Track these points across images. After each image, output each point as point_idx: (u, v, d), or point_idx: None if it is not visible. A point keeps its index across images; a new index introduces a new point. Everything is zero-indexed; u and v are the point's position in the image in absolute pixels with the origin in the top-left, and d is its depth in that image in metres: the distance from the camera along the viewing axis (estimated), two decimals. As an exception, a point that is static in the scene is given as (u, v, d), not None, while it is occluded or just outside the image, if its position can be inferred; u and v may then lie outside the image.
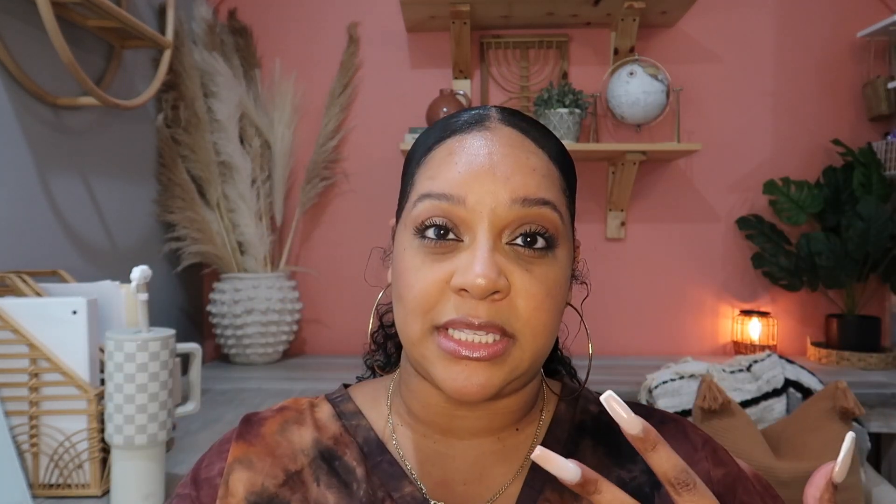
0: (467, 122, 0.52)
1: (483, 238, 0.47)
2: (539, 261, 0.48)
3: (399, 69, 2.04)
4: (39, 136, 1.29)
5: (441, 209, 0.48)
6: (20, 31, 1.23)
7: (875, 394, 1.53)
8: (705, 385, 1.33)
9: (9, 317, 0.93)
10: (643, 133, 1.99)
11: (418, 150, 0.54)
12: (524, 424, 0.55)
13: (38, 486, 0.94)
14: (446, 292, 0.47)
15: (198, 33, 1.85)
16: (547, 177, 0.50)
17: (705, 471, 0.53)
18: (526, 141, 0.51)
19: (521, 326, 0.46)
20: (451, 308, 0.46)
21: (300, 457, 0.53)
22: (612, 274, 2.03)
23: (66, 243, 1.37)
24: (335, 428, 0.56)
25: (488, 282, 0.44)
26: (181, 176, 1.76)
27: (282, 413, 0.57)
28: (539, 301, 0.47)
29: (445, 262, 0.47)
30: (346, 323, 2.06)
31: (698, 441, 0.55)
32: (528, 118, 0.54)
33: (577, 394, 0.59)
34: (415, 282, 0.47)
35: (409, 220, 0.50)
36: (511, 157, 0.49)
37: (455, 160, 0.49)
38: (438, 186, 0.48)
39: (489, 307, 0.45)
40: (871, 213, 1.73)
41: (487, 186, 0.47)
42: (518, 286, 0.46)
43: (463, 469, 0.52)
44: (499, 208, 0.47)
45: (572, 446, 0.54)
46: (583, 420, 0.56)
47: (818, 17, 1.98)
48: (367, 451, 0.54)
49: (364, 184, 2.04)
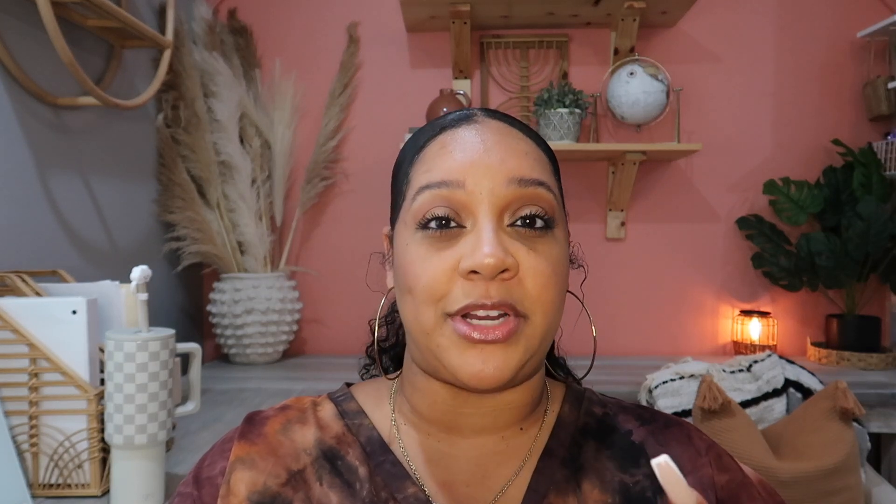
0: (455, 119, 0.53)
1: (486, 219, 0.47)
2: (541, 239, 0.49)
3: (399, 69, 2.04)
4: (39, 136, 1.29)
5: (441, 196, 0.48)
6: (20, 31, 1.23)
7: (875, 394, 1.53)
8: (705, 385, 1.33)
9: (9, 317, 0.92)
10: (643, 133, 1.99)
11: (409, 151, 0.55)
12: (528, 424, 0.54)
13: (38, 486, 0.93)
14: (455, 279, 0.47)
15: (198, 33, 1.85)
16: (538, 160, 0.51)
17: (709, 476, 0.52)
18: (513, 130, 0.53)
19: (531, 304, 0.47)
20: (462, 294, 0.46)
21: (303, 456, 0.53)
22: (612, 274, 2.03)
23: (66, 243, 1.37)
24: (338, 427, 0.55)
25: (497, 260, 0.45)
26: (181, 176, 1.76)
27: (284, 412, 0.57)
28: (547, 278, 0.47)
29: (450, 249, 0.48)
30: (346, 323, 2.06)
31: (702, 446, 0.54)
32: (508, 115, 0.56)
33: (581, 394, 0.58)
34: (422, 272, 0.48)
35: (409, 217, 0.50)
36: (503, 143, 0.50)
37: (449, 150, 0.50)
38: (436, 176, 0.49)
39: (499, 287, 0.46)
40: (871, 213, 1.72)
41: (483, 169, 0.48)
42: (525, 265, 0.47)
43: (466, 470, 0.52)
44: (497, 188, 0.48)
45: (575, 449, 0.54)
46: (587, 423, 0.56)
47: (818, 18, 1.98)
48: (370, 451, 0.53)
49: (364, 184, 2.04)
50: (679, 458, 0.53)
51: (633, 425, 0.56)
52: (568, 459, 0.53)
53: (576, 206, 2.01)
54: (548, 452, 0.53)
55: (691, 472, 0.52)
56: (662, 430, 0.55)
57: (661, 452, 0.52)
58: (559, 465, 0.52)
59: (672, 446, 0.54)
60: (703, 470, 0.53)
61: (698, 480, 0.52)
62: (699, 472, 0.52)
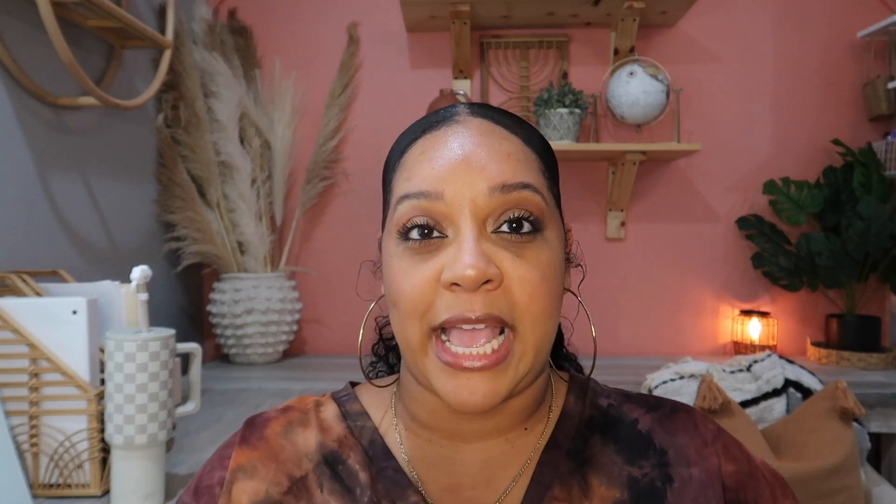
0: (436, 120, 0.51)
1: (466, 229, 0.46)
2: (528, 245, 0.47)
3: (399, 69, 2.04)
4: (39, 136, 1.29)
5: (420, 207, 0.47)
6: (20, 31, 1.23)
7: (875, 394, 1.53)
8: (705, 385, 1.33)
9: (9, 317, 0.93)
10: (643, 133, 1.99)
11: (393, 156, 0.53)
12: (532, 423, 0.54)
13: (38, 485, 0.94)
14: (438, 291, 0.46)
15: (198, 33, 1.85)
16: (523, 161, 0.49)
17: (715, 467, 0.51)
18: (496, 128, 0.50)
19: (520, 314, 0.45)
20: (444, 308, 0.45)
21: (304, 462, 0.52)
22: (612, 274, 2.03)
23: (66, 243, 1.37)
24: (340, 429, 0.55)
25: (478, 271, 0.43)
26: (181, 176, 1.76)
27: (286, 414, 0.56)
28: (534, 286, 0.46)
29: (432, 260, 0.46)
30: (345, 323, 2.06)
31: (708, 435, 0.53)
32: (498, 109, 0.53)
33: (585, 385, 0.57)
34: (406, 285, 0.47)
35: (391, 226, 0.49)
36: (483, 146, 0.48)
37: (428, 157, 0.49)
38: (415, 186, 0.48)
39: (484, 298, 0.44)
40: (871, 213, 1.72)
41: (463, 178, 0.47)
42: (510, 273, 0.45)
43: (471, 474, 0.51)
44: (478, 198, 0.46)
45: (580, 441, 0.53)
46: (592, 415, 0.55)
47: (818, 17, 1.98)
48: (372, 455, 0.53)
49: (364, 184, 2.04)
50: (685, 447, 0.52)
51: (638, 413, 0.55)
52: (573, 451, 0.52)
53: (576, 206, 2.01)
54: (552, 444, 0.52)
55: (697, 462, 0.51)
56: (669, 416, 0.54)
57: (668, 440, 0.52)
58: (564, 456, 0.52)
59: (679, 434, 0.53)
60: (709, 460, 0.52)
61: (704, 470, 0.51)
62: (706, 462, 0.51)
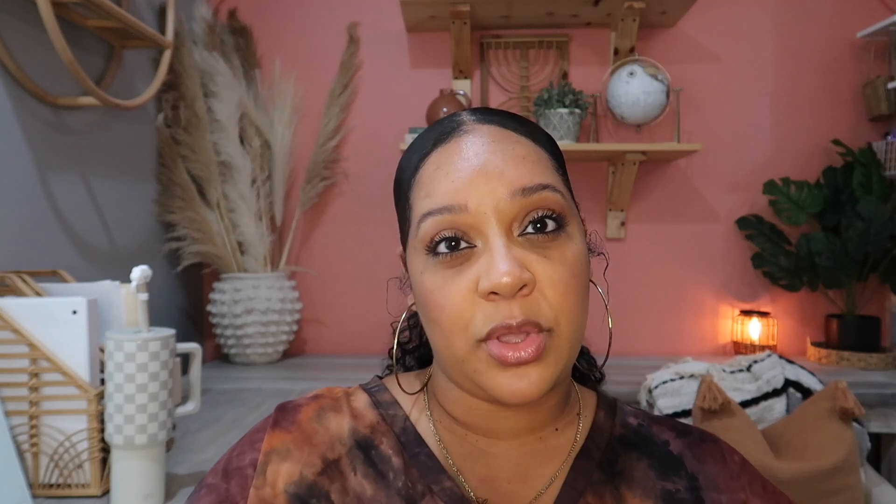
0: (444, 131, 0.51)
1: (495, 236, 0.46)
2: (554, 243, 0.48)
3: (399, 69, 2.04)
4: (39, 136, 1.29)
5: (446, 222, 0.47)
6: (20, 31, 1.23)
7: (875, 394, 1.53)
8: (705, 385, 1.33)
9: (9, 317, 0.93)
10: (643, 133, 1.99)
11: (406, 173, 0.53)
12: (563, 425, 0.55)
13: (38, 485, 0.94)
14: (476, 302, 0.46)
15: (198, 33, 1.85)
16: (537, 161, 0.50)
17: (741, 501, 0.53)
18: (505, 132, 0.51)
19: (555, 315, 0.46)
20: (485, 318, 0.45)
21: (337, 446, 0.53)
22: (612, 274, 2.01)
23: (66, 243, 1.37)
24: (372, 416, 0.55)
25: (514, 278, 0.44)
26: (181, 176, 1.76)
27: (317, 400, 0.56)
28: (565, 285, 0.46)
29: (466, 271, 0.47)
30: (346, 323, 2.06)
31: (735, 468, 0.55)
32: (500, 112, 0.53)
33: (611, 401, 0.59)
34: (443, 301, 0.47)
35: (417, 243, 0.49)
36: (498, 152, 0.49)
37: (445, 171, 0.49)
38: (437, 202, 0.48)
39: (521, 304, 0.45)
40: (871, 213, 1.73)
41: (484, 186, 0.47)
42: (541, 275, 0.46)
43: (507, 467, 0.52)
44: (501, 204, 0.47)
45: (612, 455, 0.54)
46: (624, 434, 0.56)
47: (818, 17, 1.98)
48: (405, 441, 0.53)
49: (364, 184, 2.04)
50: (715, 477, 0.54)
51: (669, 436, 0.56)
52: (605, 463, 0.53)
53: (576, 206, 2.01)
54: (584, 453, 0.53)
55: (725, 491, 0.53)
56: (698, 444, 0.56)
57: (698, 467, 0.54)
58: (595, 466, 0.53)
59: (708, 463, 0.55)
60: (736, 494, 0.53)
61: (733, 502, 0.53)
62: (734, 495, 0.53)
